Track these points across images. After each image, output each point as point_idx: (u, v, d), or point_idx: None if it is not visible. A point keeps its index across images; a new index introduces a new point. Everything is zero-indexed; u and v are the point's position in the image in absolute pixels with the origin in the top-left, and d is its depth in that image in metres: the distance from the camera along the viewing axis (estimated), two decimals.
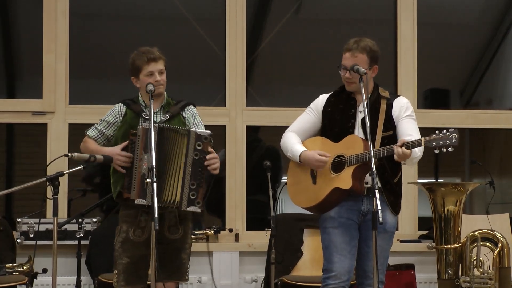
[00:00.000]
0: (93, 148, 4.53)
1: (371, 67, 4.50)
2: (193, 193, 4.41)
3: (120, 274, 4.46)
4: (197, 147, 4.41)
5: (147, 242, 4.43)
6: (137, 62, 4.51)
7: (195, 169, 4.41)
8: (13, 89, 6.81)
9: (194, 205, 4.42)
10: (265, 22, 6.93)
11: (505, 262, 5.92)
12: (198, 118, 4.64)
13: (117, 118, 4.56)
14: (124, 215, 4.52)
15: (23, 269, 5.75)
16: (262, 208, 6.45)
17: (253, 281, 6.31)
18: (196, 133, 4.42)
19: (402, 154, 4.21)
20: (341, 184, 4.39)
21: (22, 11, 6.72)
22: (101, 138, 4.58)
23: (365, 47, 4.48)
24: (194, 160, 4.41)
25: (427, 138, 4.20)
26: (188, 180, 4.41)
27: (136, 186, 4.37)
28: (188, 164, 4.41)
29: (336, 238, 4.47)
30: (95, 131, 4.59)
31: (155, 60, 4.49)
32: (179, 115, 4.59)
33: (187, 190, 4.40)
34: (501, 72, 7.19)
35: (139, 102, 4.58)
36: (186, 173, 4.41)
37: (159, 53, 4.53)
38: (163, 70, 4.52)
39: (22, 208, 6.52)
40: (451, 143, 4.14)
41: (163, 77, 4.52)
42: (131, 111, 4.54)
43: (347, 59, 4.48)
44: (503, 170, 7.23)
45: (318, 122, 4.64)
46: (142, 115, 4.52)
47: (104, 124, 4.58)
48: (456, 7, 7.13)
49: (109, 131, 4.58)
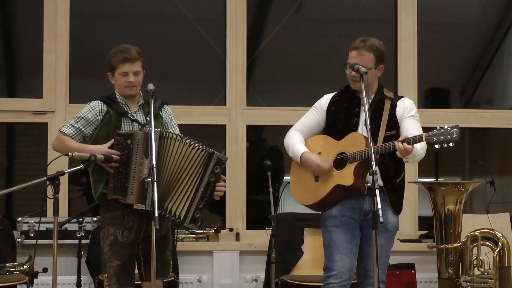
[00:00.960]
0: (75, 146, 4.38)
1: (377, 66, 4.51)
2: (197, 212, 4.41)
3: (112, 277, 4.40)
4: (214, 170, 4.42)
5: (133, 242, 4.43)
6: (113, 60, 4.46)
7: (206, 190, 4.42)
8: (13, 88, 6.81)
9: (195, 223, 4.45)
10: (265, 21, 6.93)
11: (505, 262, 5.92)
12: (174, 120, 4.64)
13: (98, 116, 4.46)
14: (109, 218, 4.43)
15: (24, 269, 5.75)
16: (263, 208, 6.45)
17: (253, 280, 6.31)
18: (218, 156, 4.42)
19: (404, 149, 4.20)
20: (343, 180, 4.39)
21: (22, 11, 6.72)
22: (78, 136, 4.44)
23: (372, 46, 4.49)
24: (209, 181, 4.42)
25: (428, 133, 4.20)
26: (198, 199, 4.41)
27: (135, 191, 4.33)
28: (202, 184, 4.41)
29: (338, 236, 4.47)
30: (72, 129, 4.44)
31: (130, 61, 4.43)
32: (158, 115, 4.56)
33: (193, 208, 4.40)
34: (502, 71, 7.19)
35: (118, 101, 4.51)
36: (198, 192, 4.41)
37: (137, 53, 4.46)
38: (138, 72, 4.46)
39: (23, 208, 6.52)
40: (452, 138, 4.14)
41: (138, 78, 4.46)
42: (114, 111, 4.47)
43: (354, 57, 4.48)
44: (503, 169, 7.23)
45: (322, 121, 4.64)
46: (128, 116, 4.47)
47: (82, 122, 4.45)
48: (457, 6, 7.13)
49: (88, 130, 4.45)
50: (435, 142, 4.18)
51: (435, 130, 4.19)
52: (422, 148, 4.38)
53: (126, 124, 4.47)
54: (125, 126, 4.47)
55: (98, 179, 4.41)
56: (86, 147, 4.39)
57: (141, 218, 4.42)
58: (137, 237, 4.44)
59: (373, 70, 4.48)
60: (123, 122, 4.47)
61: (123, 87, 4.46)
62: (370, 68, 4.45)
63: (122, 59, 4.43)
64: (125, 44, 4.51)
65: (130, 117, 4.47)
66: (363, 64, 4.44)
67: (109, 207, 4.43)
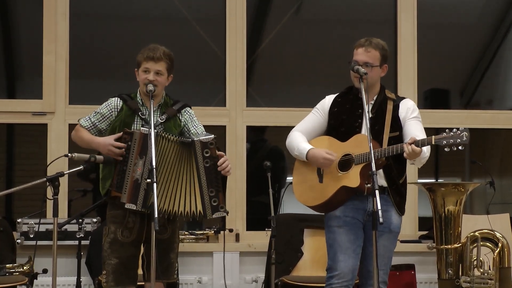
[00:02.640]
0: (86, 137, 4.49)
1: (382, 65, 4.51)
2: (214, 199, 4.40)
3: (110, 274, 4.43)
4: (205, 155, 4.40)
5: (135, 243, 4.45)
6: (139, 56, 4.52)
7: (209, 176, 4.40)
8: (13, 89, 6.81)
9: (219, 210, 4.42)
10: (265, 22, 6.93)
11: (505, 262, 5.92)
12: (195, 119, 4.62)
13: (112, 112, 4.52)
14: (111, 216, 4.48)
15: (23, 270, 5.75)
16: (262, 209, 6.45)
17: (253, 281, 6.31)
18: (200, 141, 4.39)
19: (412, 152, 4.20)
20: (349, 182, 4.39)
21: (22, 12, 6.72)
22: (93, 129, 4.52)
23: (378, 44, 4.52)
24: (206, 168, 4.39)
25: (437, 137, 4.20)
26: (206, 189, 4.39)
27: (127, 190, 4.35)
28: (201, 174, 4.40)
29: (341, 237, 4.47)
30: (88, 122, 4.53)
31: (153, 60, 4.46)
32: (175, 117, 4.56)
33: (207, 198, 4.39)
34: (501, 72, 7.19)
35: (136, 99, 4.55)
36: (202, 183, 4.40)
37: (163, 54, 4.49)
38: (161, 72, 4.48)
39: (22, 209, 6.52)
40: (462, 141, 4.14)
41: (160, 78, 4.47)
42: (128, 107, 4.50)
43: (360, 54, 4.48)
44: (503, 170, 7.23)
45: (324, 122, 4.65)
46: (139, 113, 4.49)
47: (97, 117, 4.53)
48: (456, 7, 7.13)
49: (102, 125, 4.52)
50: (445, 145, 4.17)
51: (444, 133, 4.18)
52: (428, 150, 4.39)
53: (138, 122, 4.49)
54: (136, 124, 4.49)
55: (106, 175, 4.44)
56: (94, 139, 4.48)
57: (143, 219, 4.43)
58: (139, 237, 4.45)
59: (377, 68, 4.48)
60: (135, 119, 4.50)
61: (143, 84, 4.47)
62: (375, 65, 4.46)
63: (146, 56, 4.47)
64: (156, 44, 4.55)
65: (141, 115, 4.48)
66: (370, 60, 4.45)
67: (114, 205, 4.47)
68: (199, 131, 4.56)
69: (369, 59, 4.46)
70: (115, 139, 4.40)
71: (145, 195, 4.30)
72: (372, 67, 4.46)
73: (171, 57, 4.55)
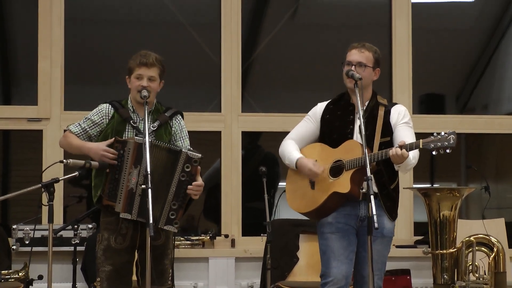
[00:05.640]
0: (76, 143, 4.45)
1: (375, 68, 4.53)
2: (172, 213, 4.40)
3: (104, 281, 4.42)
4: (185, 169, 4.39)
5: (129, 249, 4.44)
6: (130, 62, 4.49)
7: (179, 190, 4.39)
8: (8, 95, 6.81)
9: (172, 224, 4.41)
10: (260, 27, 6.93)
11: (500, 267, 5.92)
12: (185, 131, 4.60)
13: (104, 119, 4.50)
14: (105, 222, 4.47)
15: (19, 276, 5.74)
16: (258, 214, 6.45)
17: (249, 286, 6.31)
18: (187, 154, 4.38)
19: (401, 155, 4.21)
20: (340, 188, 4.40)
21: (17, 17, 6.71)
22: (83, 135, 4.49)
23: (371, 47, 4.57)
24: (180, 181, 4.38)
25: (425, 140, 4.22)
26: (171, 199, 4.39)
27: (122, 200, 4.35)
28: (173, 184, 4.39)
29: (334, 243, 4.47)
30: (79, 128, 4.50)
31: (146, 65, 4.44)
32: (167, 124, 4.55)
33: (167, 208, 4.39)
34: (496, 77, 7.20)
35: (127, 107, 4.53)
36: (170, 192, 4.39)
37: (156, 60, 4.48)
38: (154, 78, 4.47)
39: (18, 215, 6.51)
40: (449, 144, 4.16)
41: (153, 84, 4.46)
42: (119, 115, 4.49)
43: (354, 54, 4.51)
44: (498, 175, 7.23)
45: (317, 129, 4.65)
46: (130, 122, 4.47)
47: (88, 123, 4.50)
48: (451, 12, 7.15)
49: (93, 131, 4.50)
50: (432, 149, 4.19)
51: (432, 136, 4.20)
52: (415, 158, 4.40)
53: (129, 130, 4.48)
54: (128, 132, 4.48)
55: (98, 184, 4.42)
56: (85, 144, 4.45)
57: (136, 225, 4.42)
58: (133, 244, 4.44)
59: (370, 70, 4.50)
60: (127, 127, 4.48)
61: (136, 90, 4.45)
62: (369, 66, 4.48)
63: (138, 62, 4.45)
64: (147, 50, 4.53)
65: (132, 123, 4.47)
66: (363, 60, 4.49)
67: (107, 212, 4.46)
68: (185, 144, 4.55)
69: (362, 59, 4.50)
70: (107, 145, 4.37)
71: (140, 204, 4.30)
72: (365, 67, 4.49)
73: (162, 62, 4.54)
